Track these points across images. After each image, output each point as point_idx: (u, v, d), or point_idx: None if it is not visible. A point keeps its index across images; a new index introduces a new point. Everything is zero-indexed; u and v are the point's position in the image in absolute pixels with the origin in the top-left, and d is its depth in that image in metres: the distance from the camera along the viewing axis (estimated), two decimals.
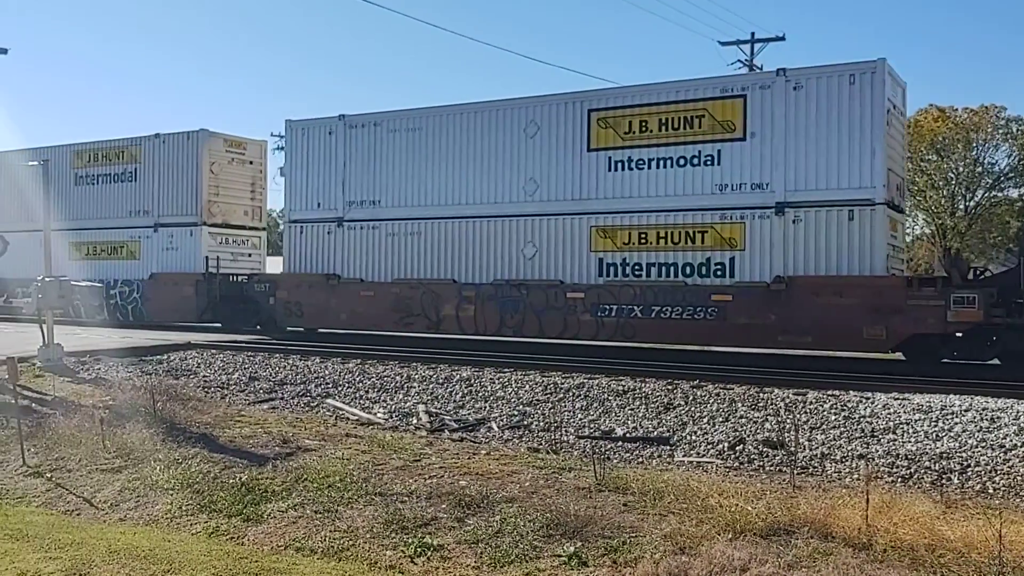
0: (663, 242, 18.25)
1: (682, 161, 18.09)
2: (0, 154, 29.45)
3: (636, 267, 18.47)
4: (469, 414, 11.84)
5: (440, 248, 20.80)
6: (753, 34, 39.38)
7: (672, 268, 18.11)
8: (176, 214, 25.73)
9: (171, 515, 7.62)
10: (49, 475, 8.87)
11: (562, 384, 13.22)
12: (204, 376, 15.08)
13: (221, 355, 17.28)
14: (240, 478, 8.23)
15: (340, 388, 13.80)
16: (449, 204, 20.70)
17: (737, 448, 9.72)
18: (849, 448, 9.48)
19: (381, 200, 21.63)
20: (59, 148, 27.92)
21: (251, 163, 26.90)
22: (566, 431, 10.66)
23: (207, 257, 24.88)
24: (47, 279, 15.15)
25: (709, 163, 17.81)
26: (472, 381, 13.84)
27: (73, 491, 8.42)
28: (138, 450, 9.22)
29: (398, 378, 14.36)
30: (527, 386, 13.26)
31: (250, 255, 26.86)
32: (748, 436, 10.11)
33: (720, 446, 9.83)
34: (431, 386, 13.64)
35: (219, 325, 24.32)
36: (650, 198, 18.37)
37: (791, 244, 17.04)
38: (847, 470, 8.77)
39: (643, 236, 18.40)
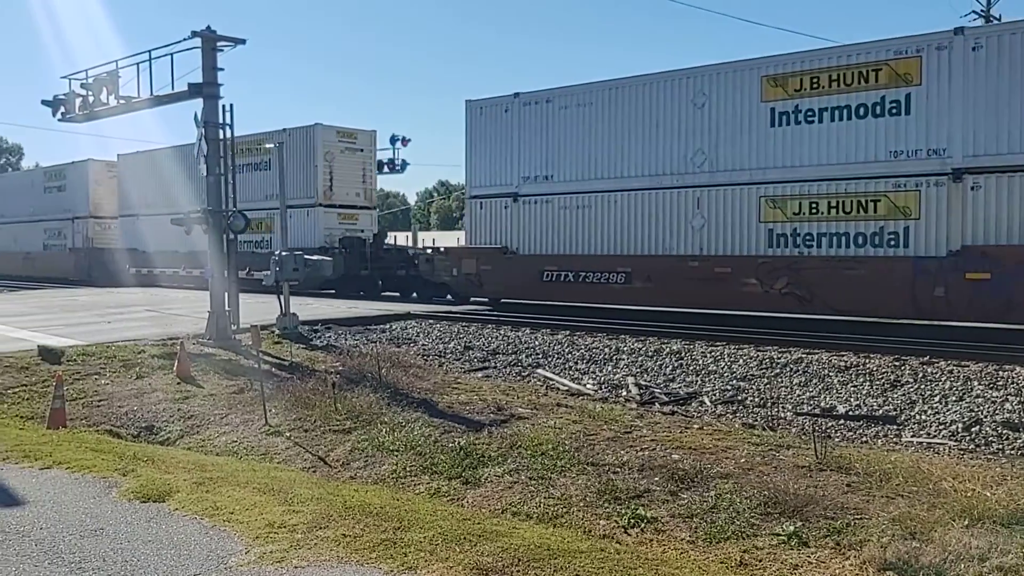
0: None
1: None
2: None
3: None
4: (680, 387, 11.70)
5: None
6: None
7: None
8: None
9: (396, 475, 8.06)
10: (288, 434, 9.59)
11: (778, 359, 12.78)
12: (423, 344, 15.82)
13: (438, 325, 18.09)
14: (459, 442, 8.55)
15: (549, 359, 14.04)
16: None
17: (973, 429, 9.02)
18: None
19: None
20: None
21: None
22: (783, 407, 10.31)
23: None
24: (284, 253, 16.40)
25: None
26: (683, 354, 13.67)
27: (309, 449, 9.07)
28: (366, 413, 9.78)
29: (606, 350, 14.43)
30: (740, 360, 12.93)
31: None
32: (985, 417, 9.36)
33: (953, 427, 9.16)
34: (640, 358, 13.60)
35: None
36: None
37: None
38: None
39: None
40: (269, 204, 29.77)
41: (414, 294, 27.28)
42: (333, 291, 27.88)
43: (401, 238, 39.13)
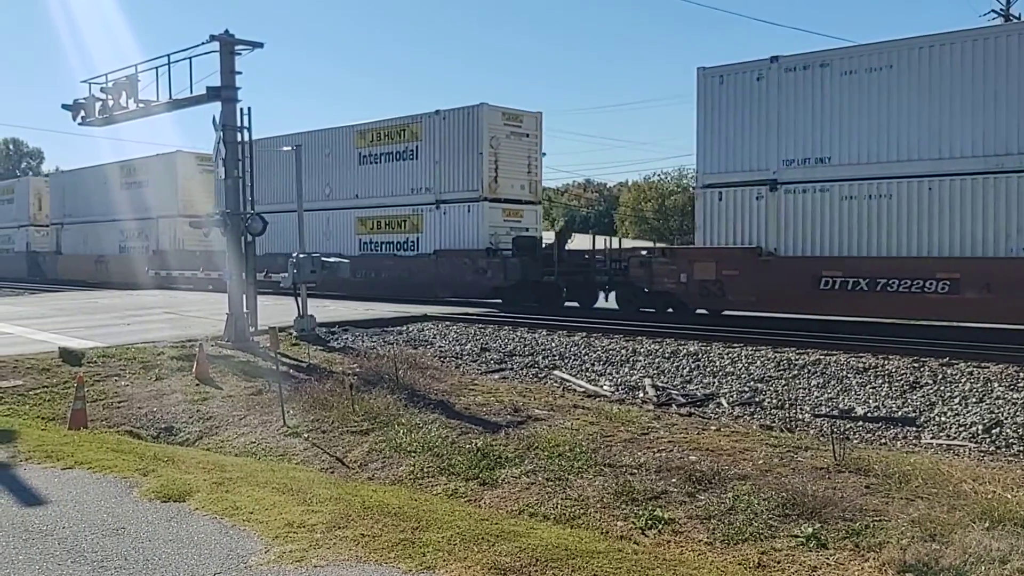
0: None
1: None
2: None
3: None
4: (697, 389, 11.68)
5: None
6: None
7: None
8: None
9: (414, 476, 8.09)
10: (306, 435, 9.63)
11: (796, 360, 12.73)
12: (440, 346, 15.85)
13: (455, 327, 18.13)
14: (476, 444, 8.56)
15: (566, 360, 14.04)
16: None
17: (993, 431, 8.97)
18: None
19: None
20: None
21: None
22: (801, 409, 10.28)
23: None
24: (301, 255, 16.46)
25: None
26: (699, 356, 13.64)
27: (327, 450, 9.11)
28: (383, 414, 9.80)
29: (623, 351, 14.41)
30: (758, 362, 12.89)
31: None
32: (1006, 419, 9.30)
33: (974, 428, 9.11)
34: (657, 360, 13.58)
35: None
36: None
37: None
38: None
39: None
40: (416, 199, 27.01)
41: (606, 303, 23.37)
42: (499, 300, 24.58)
43: None
